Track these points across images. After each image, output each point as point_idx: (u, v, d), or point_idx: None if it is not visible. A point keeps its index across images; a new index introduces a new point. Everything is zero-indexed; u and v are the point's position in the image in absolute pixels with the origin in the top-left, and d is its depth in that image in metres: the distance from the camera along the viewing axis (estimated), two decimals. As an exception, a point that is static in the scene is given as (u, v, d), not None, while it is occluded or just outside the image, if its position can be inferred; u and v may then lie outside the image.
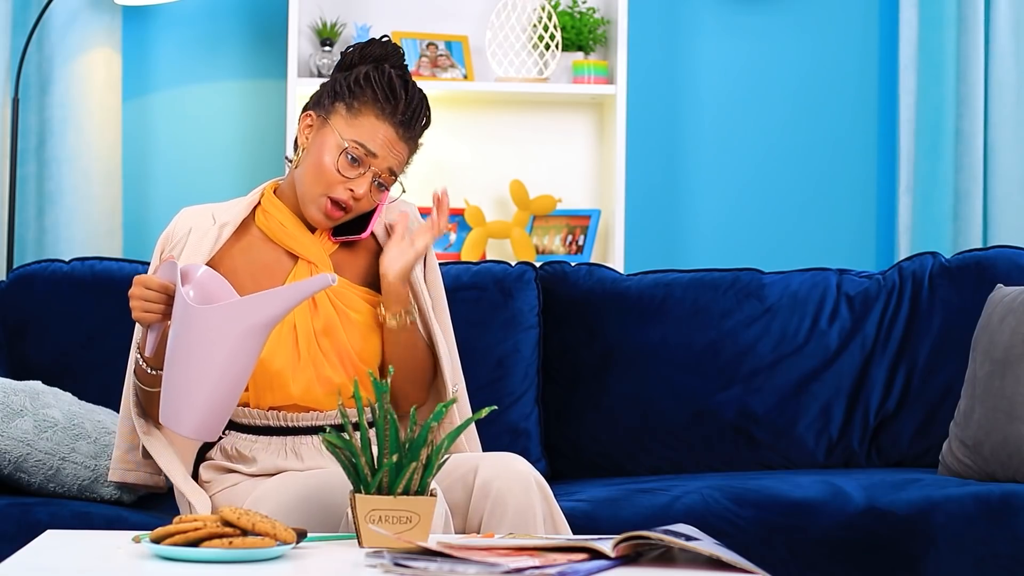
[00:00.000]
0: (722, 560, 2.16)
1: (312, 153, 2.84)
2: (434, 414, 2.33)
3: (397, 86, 2.83)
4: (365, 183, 2.81)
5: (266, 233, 2.88)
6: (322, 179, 2.81)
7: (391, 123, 2.82)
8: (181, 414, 2.53)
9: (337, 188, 2.81)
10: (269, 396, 2.81)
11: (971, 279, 3.62)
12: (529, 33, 4.77)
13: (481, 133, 4.82)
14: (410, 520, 2.29)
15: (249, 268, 2.85)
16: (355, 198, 2.81)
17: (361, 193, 2.81)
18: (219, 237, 2.84)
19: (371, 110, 2.82)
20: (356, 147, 2.80)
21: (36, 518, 2.92)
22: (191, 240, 2.85)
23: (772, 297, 3.65)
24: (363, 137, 2.80)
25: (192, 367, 2.51)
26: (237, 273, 2.84)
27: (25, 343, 3.44)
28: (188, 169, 4.71)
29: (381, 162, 2.81)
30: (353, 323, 2.83)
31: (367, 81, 2.83)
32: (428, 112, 2.87)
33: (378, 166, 2.81)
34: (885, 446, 3.59)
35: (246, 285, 2.83)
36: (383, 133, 2.81)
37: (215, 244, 2.84)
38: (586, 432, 3.55)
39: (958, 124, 4.76)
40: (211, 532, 2.16)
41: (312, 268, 2.85)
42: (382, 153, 2.81)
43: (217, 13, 4.71)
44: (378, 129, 2.81)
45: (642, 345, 3.56)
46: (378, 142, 2.80)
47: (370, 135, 2.80)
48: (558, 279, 3.61)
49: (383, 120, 2.81)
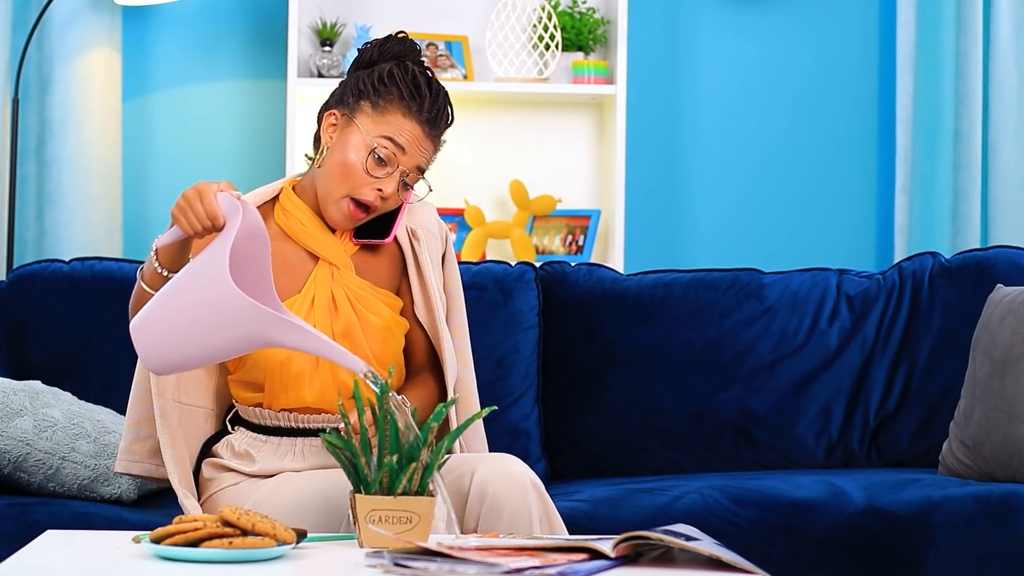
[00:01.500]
0: (722, 560, 2.16)
1: (337, 152, 2.80)
2: (434, 414, 2.33)
3: (422, 83, 2.80)
4: (393, 182, 2.78)
5: (286, 231, 2.85)
6: (349, 179, 2.78)
7: (417, 120, 2.79)
8: (148, 337, 2.47)
9: (363, 188, 2.78)
10: (283, 398, 2.80)
11: (971, 279, 3.62)
12: (529, 33, 4.77)
13: (481, 133, 4.82)
14: (410, 520, 2.29)
15: (273, 263, 2.83)
16: (383, 197, 2.78)
17: (389, 192, 2.78)
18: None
19: (397, 108, 2.79)
20: (385, 144, 2.77)
21: (36, 518, 2.92)
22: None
23: (772, 297, 3.65)
24: (392, 133, 2.77)
25: (185, 314, 2.45)
26: None
27: (25, 343, 3.44)
28: (188, 169, 4.71)
29: (409, 160, 2.78)
30: (373, 327, 2.82)
31: (391, 78, 2.80)
32: (451, 109, 2.85)
33: (406, 164, 2.78)
34: (885, 446, 3.59)
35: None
36: (409, 130, 2.78)
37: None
38: (586, 432, 3.55)
39: (957, 124, 4.76)
40: (211, 532, 2.16)
41: (334, 270, 2.82)
42: (410, 150, 2.78)
43: (217, 13, 4.71)
44: (404, 126, 2.78)
45: (642, 345, 3.56)
46: (405, 138, 2.78)
47: (397, 132, 2.77)
48: (558, 279, 3.62)
49: (409, 118, 2.78)
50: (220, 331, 2.45)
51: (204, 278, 2.44)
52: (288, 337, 2.45)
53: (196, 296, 2.44)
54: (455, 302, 2.95)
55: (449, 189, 4.75)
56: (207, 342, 2.46)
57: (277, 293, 2.75)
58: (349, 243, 2.86)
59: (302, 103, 4.65)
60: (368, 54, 2.87)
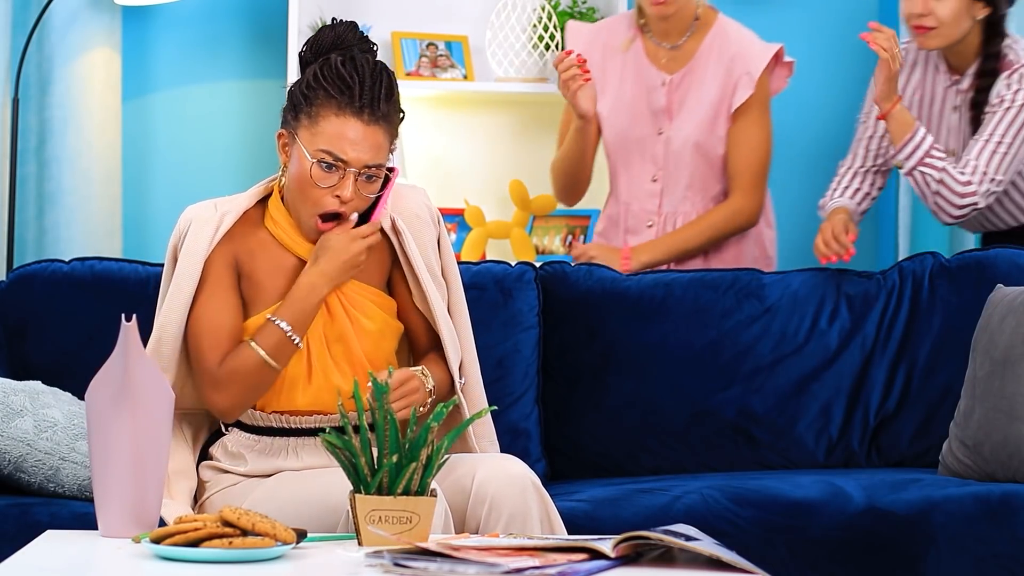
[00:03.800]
0: (722, 560, 2.16)
1: (291, 172, 2.78)
2: (434, 414, 2.33)
3: (345, 73, 2.74)
4: (348, 185, 2.75)
5: (276, 239, 2.86)
6: (306, 196, 2.76)
7: (351, 113, 2.73)
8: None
9: (322, 200, 2.75)
10: (276, 402, 2.80)
11: (971, 279, 3.62)
12: (529, 33, 4.77)
13: (481, 133, 4.82)
14: (410, 520, 2.29)
15: (267, 268, 2.83)
16: (343, 201, 2.75)
17: (348, 196, 2.75)
18: (220, 224, 2.81)
19: (328, 109, 2.74)
20: (324, 155, 2.73)
21: (36, 518, 2.92)
22: (192, 229, 2.82)
23: (772, 297, 3.65)
24: (328, 143, 2.72)
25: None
26: (256, 273, 2.82)
27: (25, 343, 3.44)
28: (188, 169, 4.70)
29: (356, 160, 2.74)
30: (366, 331, 2.81)
31: (316, 80, 2.75)
32: (389, 83, 2.76)
33: (355, 164, 2.74)
34: (885, 446, 3.59)
35: (264, 285, 2.81)
36: (346, 128, 2.72)
37: (216, 231, 2.80)
38: (586, 432, 3.55)
39: (958, 124, 4.75)
40: (211, 532, 2.16)
41: None
42: (352, 153, 2.73)
43: (217, 13, 4.71)
44: (340, 126, 2.72)
45: (642, 345, 3.56)
46: (345, 142, 2.72)
47: (335, 138, 2.72)
48: (558, 279, 3.61)
49: (342, 115, 2.73)
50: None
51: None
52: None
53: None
54: (453, 287, 2.94)
55: (449, 189, 4.75)
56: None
57: (273, 299, 2.77)
58: None
59: (302, 103, 4.65)
60: (304, 59, 2.83)
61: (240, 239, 2.84)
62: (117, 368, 2.41)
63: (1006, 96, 3.81)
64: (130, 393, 2.40)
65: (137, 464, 2.39)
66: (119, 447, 2.39)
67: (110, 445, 2.39)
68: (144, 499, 2.40)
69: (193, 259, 2.78)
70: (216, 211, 2.83)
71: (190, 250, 2.78)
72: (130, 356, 2.41)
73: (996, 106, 3.81)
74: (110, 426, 2.39)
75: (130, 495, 2.39)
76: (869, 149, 4.03)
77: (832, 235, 3.77)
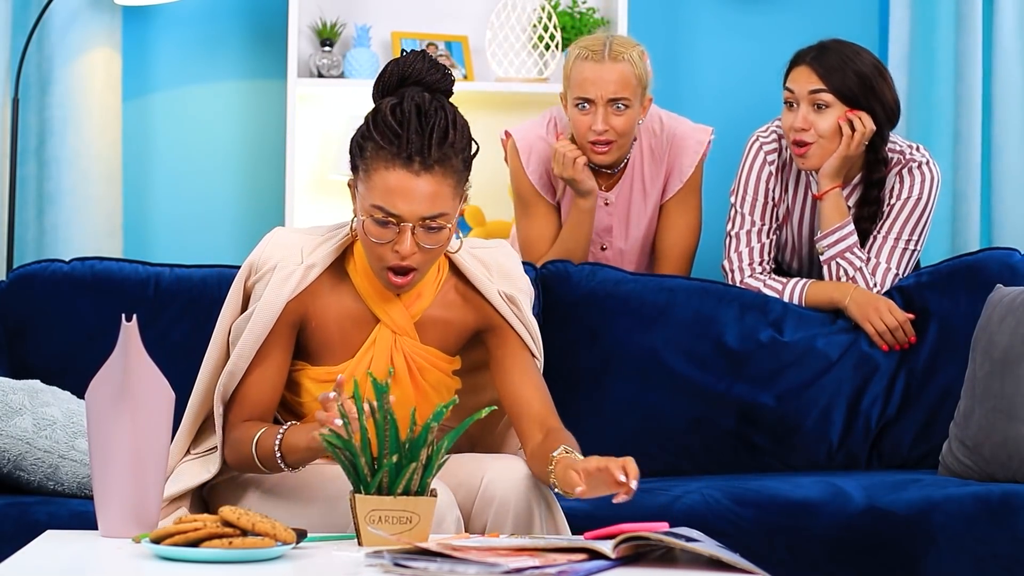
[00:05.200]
0: (722, 561, 2.16)
1: (356, 224, 2.65)
2: (434, 414, 2.33)
3: (394, 121, 2.57)
4: (405, 240, 2.57)
5: (356, 289, 2.72)
6: (369, 251, 2.62)
7: (400, 164, 2.55)
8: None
9: (385, 256, 2.59)
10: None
11: (967, 282, 3.62)
12: (529, 33, 4.77)
13: (481, 133, 4.80)
14: (410, 520, 2.29)
15: (337, 316, 2.70)
16: (403, 257, 2.59)
17: (407, 250, 2.57)
18: (304, 278, 2.67)
19: (379, 162, 2.57)
20: (375, 211, 2.57)
21: (35, 518, 2.92)
22: (275, 278, 2.68)
23: (773, 301, 3.64)
24: (380, 199, 2.56)
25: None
26: (327, 321, 2.70)
27: (25, 343, 3.44)
28: (188, 169, 4.70)
29: (409, 214, 2.56)
30: (423, 393, 2.73)
31: (369, 130, 2.59)
32: (445, 123, 2.59)
33: (409, 218, 2.57)
34: (886, 451, 3.59)
35: (331, 331, 2.70)
36: (395, 182, 2.55)
37: (298, 285, 2.67)
38: (586, 435, 3.54)
39: (956, 125, 4.75)
40: (211, 532, 2.16)
41: (396, 336, 2.70)
42: (404, 206, 2.55)
43: (217, 13, 4.71)
44: (389, 179, 2.55)
45: (644, 348, 3.56)
46: (396, 195, 2.55)
47: (385, 192, 2.55)
48: (560, 279, 3.61)
49: (391, 168, 2.56)
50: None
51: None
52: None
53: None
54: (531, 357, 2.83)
55: (449, 189, 4.74)
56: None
57: (338, 345, 2.70)
58: (415, 306, 2.72)
59: (302, 103, 4.65)
60: (374, 100, 2.67)
61: (316, 287, 2.71)
62: (117, 368, 2.41)
63: (902, 193, 3.72)
64: (130, 393, 2.40)
65: (137, 464, 2.39)
66: (119, 447, 2.39)
67: (110, 445, 2.39)
68: (144, 499, 2.40)
69: (270, 311, 2.66)
70: (301, 262, 2.69)
71: (268, 300, 2.66)
72: (130, 356, 2.41)
73: (894, 203, 3.72)
74: (110, 426, 2.39)
75: (130, 495, 2.39)
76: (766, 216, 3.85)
77: (888, 327, 3.61)
